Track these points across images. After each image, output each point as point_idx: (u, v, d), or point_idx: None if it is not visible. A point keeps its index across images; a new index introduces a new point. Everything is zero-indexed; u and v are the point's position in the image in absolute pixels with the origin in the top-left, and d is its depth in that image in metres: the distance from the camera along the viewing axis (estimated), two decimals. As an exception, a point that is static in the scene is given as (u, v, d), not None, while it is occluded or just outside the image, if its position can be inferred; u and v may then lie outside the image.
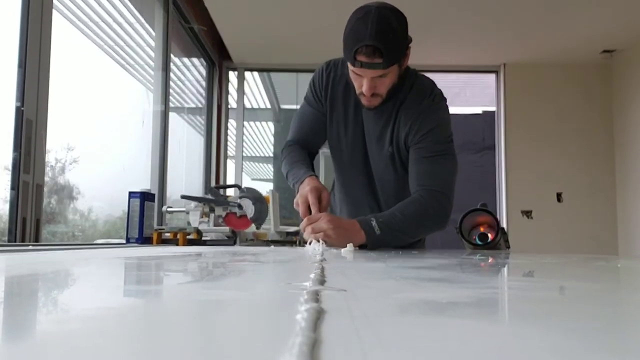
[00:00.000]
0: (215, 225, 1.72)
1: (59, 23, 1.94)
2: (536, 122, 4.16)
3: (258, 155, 6.18)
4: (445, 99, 1.37)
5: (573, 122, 4.16)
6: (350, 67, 1.25)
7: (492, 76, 4.32)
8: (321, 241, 1.13)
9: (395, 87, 1.29)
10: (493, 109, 4.38)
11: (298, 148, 1.47)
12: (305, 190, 1.28)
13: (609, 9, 3.18)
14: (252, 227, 1.73)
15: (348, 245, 1.09)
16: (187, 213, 1.73)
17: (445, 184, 1.30)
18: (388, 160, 1.38)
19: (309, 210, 1.26)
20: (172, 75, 3.13)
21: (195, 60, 3.89)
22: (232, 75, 4.34)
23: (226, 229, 1.70)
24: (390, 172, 1.40)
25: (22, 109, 1.57)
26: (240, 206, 1.69)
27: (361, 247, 1.20)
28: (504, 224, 4.02)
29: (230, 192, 1.94)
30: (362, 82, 1.25)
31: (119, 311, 0.28)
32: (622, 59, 3.97)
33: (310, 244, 1.15)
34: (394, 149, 1.36)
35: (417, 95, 1.33)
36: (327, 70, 1.42)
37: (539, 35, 3.61)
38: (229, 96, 4.34)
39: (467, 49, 3.93)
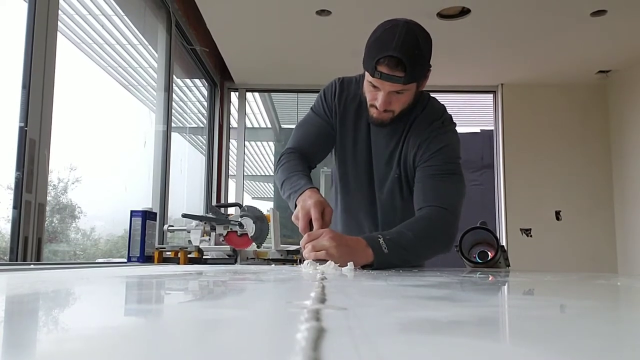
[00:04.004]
0: (216, 244, 1.72)
1: (63, 44, 1.97)
2: (534, 141, 4.18)
3: (259, 174, 6.20)
4: (455, 124, 1.34)
5: (570, 142, 4.18)
6: (367, 77, 1.19)
7: (490, 96, 4.36)
8: (318, 263, 1.02)
9: (405, 110, 1.25)
10: (491, 128, 4.40)
11: (298, 157, 1.36)
12: (307, 203, 1.16)
13: (604, 32, 3.22)
14: (253, 246, 1.72)
15: (349, 263, 1.02)
16: (189, 232, 1.73)
17: (452, 203, 1.23)
18: (395, 183, 1.33)
19: (309, 226, 1.15)
20: (174, 95, 3.16)
21: (197, 81, 3.93)
22: (234, 96, 4.38)
23: (227, 247, 1.69)
24: (397, 196, 1.35)
25: (26, 129, 1.58)
26: (241, 225, 1.69)
27: (365, 266, 1.12)
28: (503, 242, 4.00)
29: (231, 210, 1.94)
30: (377, 96, 1.19)
31: (119, 330, 0.28)
32: (617, 79, 4.01)
33: (306, 263, 1.03)
34: (401, 171, 1.31)
35: (427, 117, 1.30)
36: (340, 87, 1.37)
37: (536, 56, 3.65)
38: (230, 116, 4.38)
39: (466, 70, 3.97)
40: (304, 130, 1.41)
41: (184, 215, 1.74)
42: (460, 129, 1.41)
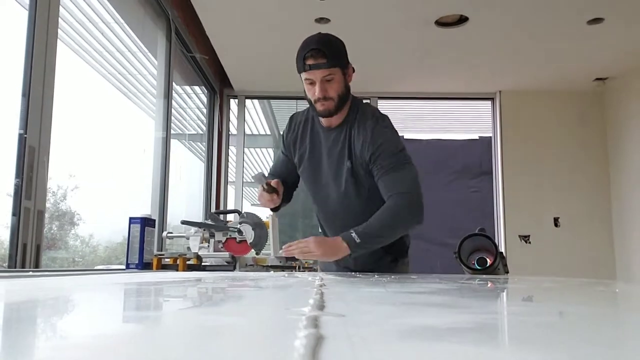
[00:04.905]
0: (215, 251, 1.71)
1: (63, 52, 1.98)
2: (532, 148, 4.19)
3: (258, 180, 6.18)
4: (388, 120, 1.58)
5: (568, 148, 4.20)
6: (303, 77, 1.49)
7: (489, 103, 4.37)
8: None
9: (344, 99, 1.51)
10: (490, 134, 4.41)
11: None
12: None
13: (601, 39, 3.24)
14: (252, 253, 1.72)
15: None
16: (187, 238, 1.73)
17: (410, 185, 1.50)
18: (349, 178, 1.54)
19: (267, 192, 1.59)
20: (174, 102, 3.16)
21: (196, 88, 3.94)
22: (233, 103, 4.38)
23: (226, 254, 1.69)
24: (352, 191, 1.55)
25: (25, 136, 1.58)
26: (240, 231, 1.68)
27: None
28: (502, 249, 3.99)
29: (230, 217, 1.94)
30: (315, 90, 1.48)
31: (117, 338, 0.28)
32: (614, 86, 4.03)
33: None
34: (352, 162, 1.53)
35: (362, 118, 1.56)
36: (289, 122, 1.70)
37: (534, 63, 3.67)
38: (230, 123, 4.38)
39: (464, 77, 3.99)
40: (275, 163, 1.81)
41: (183, 222, 1.74)
42: (458, 136, 1.47)
